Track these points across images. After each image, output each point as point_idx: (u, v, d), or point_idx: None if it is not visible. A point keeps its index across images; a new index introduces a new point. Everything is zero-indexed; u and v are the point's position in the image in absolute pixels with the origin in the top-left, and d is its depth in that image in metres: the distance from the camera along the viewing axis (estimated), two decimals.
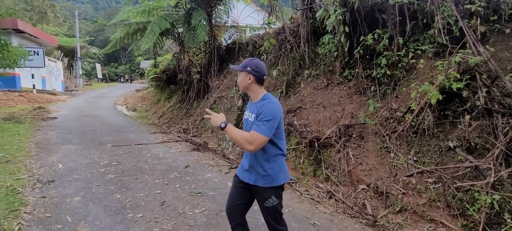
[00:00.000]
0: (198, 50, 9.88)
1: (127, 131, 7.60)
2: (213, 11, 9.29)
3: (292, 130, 4.57)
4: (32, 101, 13.80)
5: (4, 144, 5.26)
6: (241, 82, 1.79)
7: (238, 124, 6.01)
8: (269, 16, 6.58)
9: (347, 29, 4.28)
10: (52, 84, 20.95)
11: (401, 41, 3.92)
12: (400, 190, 3.03)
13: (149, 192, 3.36)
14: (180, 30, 9.62)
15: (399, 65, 3.94)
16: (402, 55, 3.91)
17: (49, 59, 21.35)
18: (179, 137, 6.97)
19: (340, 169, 3.64)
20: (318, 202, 3.33)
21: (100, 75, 37.97)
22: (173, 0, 9.55)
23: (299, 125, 4.52)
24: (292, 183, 3.84)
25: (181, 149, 5.68)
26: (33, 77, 16.93)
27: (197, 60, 9.42)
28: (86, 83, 31.43)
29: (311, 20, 5.53)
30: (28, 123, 7.75)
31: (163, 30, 8.74)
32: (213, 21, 9.33)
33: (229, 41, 10.14)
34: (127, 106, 13.46)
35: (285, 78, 5.78)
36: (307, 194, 3.53)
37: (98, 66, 37.32)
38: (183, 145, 6.05)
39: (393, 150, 3.38)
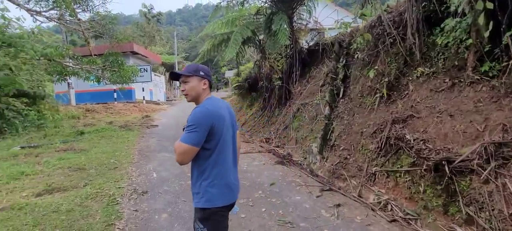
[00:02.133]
0: (279, 56, 9.56)
1: None
2: (294, 13, 8.82)
3: (403, 146, 3.54)
4: (142, 110, 16.44)
5: (117, 150, 6.07)
6: (193, 89, 1.58)
7: (326, 135, 5.26)
8: (362, 7, 5.59)
9: (490, 5, 3.01)
10: (157, 96, 24.74)
11: None
12: None
13: (234, 215, 3.03)
14: (261, 37, 9.53)
15: None
16: None
17: (155, 75, 25.40)
18: (261, 146, 6.70)
19: (492, 209, 2.47)
20: None
21: None
22: (254, 8, 9.58)
23: (413, 139, 3.45)
24: (410, 219, 2.87)
25: (265, 161, 5.33)
26: (143, 90, 20.30)
27: (278, 66, 9.10)
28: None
29: (424, 3, 4.31)
30: (136, 130, 9.00)
31: (245, 38, 8.79)
32: (294, 24, 8.86)
33: (311, 43, 9.45)
34: None
35: (385, 79, 4.71)
36: None
37: None
38: (266, 156, 5.70)
39: None
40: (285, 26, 7.88)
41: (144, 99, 19.81)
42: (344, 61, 6.32)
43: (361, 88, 5.27)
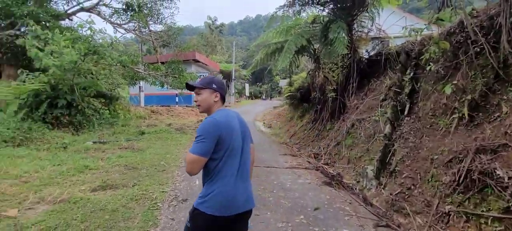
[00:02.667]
0: (335, 66, 8.96)
1: (260, 148, 7.71)
2: (355, 21, 8.17)
3: (491, 184, 2.75)
4: (198, 115, 17.48)
5: (168, 152, 6.40)
6: (204, 101, 1.63)
7: (385, 158, 4.57)
8: (439, 10, 4.75)
9: None
10: None
11: None
12: None
13: None
14: (317, 46, 9.10)
15: None
16: None
17: None
18: (309, 162, 6.25)
19: None
20: None
21: (247, 94, 44.40)
22: (310, 17, 9.23)
23: (508, 177, 2.65)
24: None
25: (311, 180, 4.90)
26: None
27: (333, 77, 8.51)
28: (237, 100, 37.29)
29: None
30: (190, 133, 9.47)
31: (299, 47, 8.50)
32: (354, 31, 8.20)
33: (372, 53, 8.60)
34: (264, 123, 14.34)
35: (467, 97, 3.85)
36: None
37: (246, 86, 43.91)
38: (313, 174, 5.25)
39: None
40: (343, 34, 7.33)
41: None
42: (412, 73, 5.48)
43: (432, 106, 4.45)
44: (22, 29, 9.28)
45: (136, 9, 10.39)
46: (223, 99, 1.69)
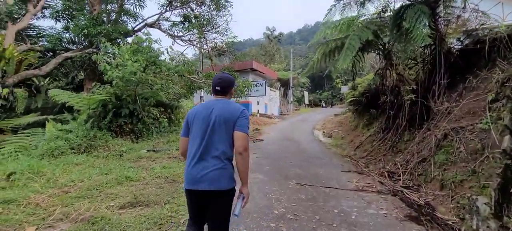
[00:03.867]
0: (412, 62, 7.27)
1: (318, 162, 6.61)
2: (439, 3, 6.43)
3: None
4: (255, 123, 17.08)
5: None
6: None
7: (507, 185, 3.04)
8: None
9: None
10: (272, 109, 25.58)
11: None
12: None
13: None
14: (386, 39, 7.56)
15: None
16: None
17: (270, 90, 26.52)
18: (381, 183, 4.90)
19: None
20: None
21: (306, 102, 42.77)
22: (377, 9, 7.77)
23: None
24: None
25: (386, 209, 3.64)
26: (258, 104, 21.38)
27: (410, 75, 6.86)
28: (296, 108, 36.12)
29: None
30: None
31: (363, 43, 7.17)
32: (438, 18, 6.45)
33: (466, 41, 6.63)
34: (323, 132, 12.97)
35: None
36: None
37: (305, 93, 42.36)
38: (389, 201, 3.94)
39: None
40: (425, 20, 5.77)
41: (258, 112, 20.76)
42: None
43: None
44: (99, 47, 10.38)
45: (193, 20, 10.66)
46: (213, 90, 1.96)
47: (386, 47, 7.35)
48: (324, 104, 43.97)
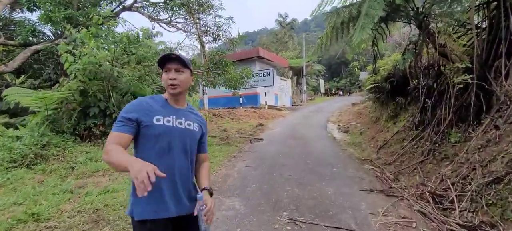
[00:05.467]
0: (461, 29, 5.23)
1: (327, 173, 4.86)
2: None
3: None
4: (261, 117, 15.38)
5: None
6: (185, 82, 1.39)
7: None
8: None
9: None
10: (283, 100, 23.67)
11: None
12: None
13: None
14: (420, 1, 5.54)
15: None
16: None
17: (281, 79, 24.51)
18: (423, 214, 3.11)
19: None
20: None
21: (322, 90, 40.36)
22: None
23: None
24: None
25: None
26: (265, 95, 19.56)
27: (459, 47, 4.84)
28: (310, 98, 33.92)
29: None
30: (234, 146, 7.35)
31: (387, 10, 5.26)
32: None
33: None
34: (338, 125, 11.06)
35: None
36: None
37: (321, 82, 39.94)
38: None
39: None
40: None
41: (266, 104, 18.99)
42: None
43: None
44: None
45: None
46: None
47: (421, 11, 5.32)
48: (341, 93, 41.44)
